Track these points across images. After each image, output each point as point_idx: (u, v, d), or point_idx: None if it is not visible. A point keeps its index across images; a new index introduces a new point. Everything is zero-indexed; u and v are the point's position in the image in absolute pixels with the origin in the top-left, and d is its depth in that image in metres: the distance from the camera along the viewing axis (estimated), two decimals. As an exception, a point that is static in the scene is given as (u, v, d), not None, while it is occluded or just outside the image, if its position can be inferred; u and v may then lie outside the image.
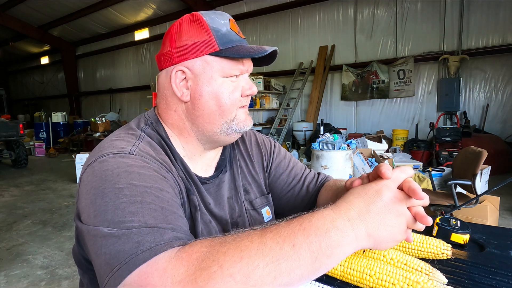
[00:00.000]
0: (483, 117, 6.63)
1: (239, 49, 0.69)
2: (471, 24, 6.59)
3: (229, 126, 0.73)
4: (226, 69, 0.69)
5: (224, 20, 0.71)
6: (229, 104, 0.71)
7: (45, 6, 10.91)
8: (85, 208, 0.56)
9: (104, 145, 0.65)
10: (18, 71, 18.25)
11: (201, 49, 0.68)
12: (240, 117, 0.74)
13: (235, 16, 9.11)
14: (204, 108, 0.71)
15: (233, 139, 0.76)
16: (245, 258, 0.43)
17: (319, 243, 0.45)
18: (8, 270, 2.77)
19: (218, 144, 0.78)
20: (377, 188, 0.51)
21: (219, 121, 0.72)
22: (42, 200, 5.08)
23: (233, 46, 0.69)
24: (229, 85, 0.71)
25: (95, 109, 14.39)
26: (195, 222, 0.71)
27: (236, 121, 0.73)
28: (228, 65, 0.69)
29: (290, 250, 0.44)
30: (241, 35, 0.72)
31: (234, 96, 0.71)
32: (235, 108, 0.72)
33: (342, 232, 0.46)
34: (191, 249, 0.46)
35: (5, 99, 9.79)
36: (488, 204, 3.06)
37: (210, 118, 0.72)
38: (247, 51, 0.68)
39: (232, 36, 0.70)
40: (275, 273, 0.43)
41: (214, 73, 0.69)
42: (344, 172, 3.78)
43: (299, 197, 0.91)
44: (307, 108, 8.41)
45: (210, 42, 0.68)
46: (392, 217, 0.50)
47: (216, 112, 0.71)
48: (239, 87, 0.72)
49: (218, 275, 0.42)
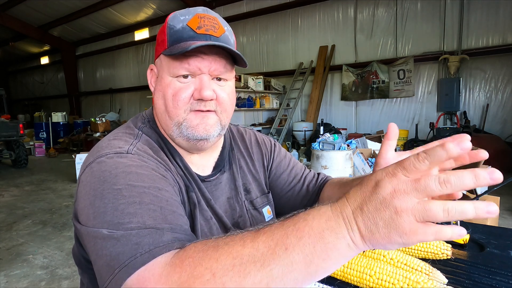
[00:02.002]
0: (483, 117, 6.63)
1: (179, 47, 0.64)
2: (471, 24, 6.59)
3: (180, 130, 0.68)
4: (171, 68, 0.67)
5: (186, 16, 0.67)
6: (171, 106, 0.67)
7: (45, 6, 10.92)
8: (84, 210, 0.56)
9: (102, 145, 0.65)
10: (18, 71, 18.25)
11: (159, 49, 0.70)
12: (191, 121, 0.68)
13: (235, 16, 9.13)
14: (157, 107, 0.71)
15: (195, 146, 0.71)
16: (237, 266, 0.42)
17: (313, 245, 0.41)
18: (8, 270, 2.77)
19: (189, 149, 0.74)
20: (378, 178, 0.40)
21: (170, 123, 0.69)
22: (42, 200, 5.08)
23: (179, 44, 0.65)
24: (175, 85, 0.67)
25: (95, 109, 14.39)
26: (195, 219, 0.70)
27: (186, 125, 0.68)
28: (173, 64, 0.66)
29: (283, 254, 0.41)
30: (202, 31, 0.65)
31: (178, 98, 0.66)
32: (181, 110, 0.67)
33: (337, 234, 0.41)
34: (184, 255, 0.46)
35: (5, 99, 9.79)
36: (488, 204, 3.06)
37: (162, 118, 0.71)
38: (182, 48, 0.62)
39: (184, 33, 0.65)
40: (267, 279, 0.41)
41: (163, 72, 0.69)
42: (344, 172, 3.78)
43: (299, 197, 0.91)
44: (307, 108, 8.41)
45: (163, 41, 0.68)
46: (387, 216, 0.38)
47: (165, 112, 0.69)
48: (189, 89, 0.67)
49: (211, 284, 0.42)
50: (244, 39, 9.64)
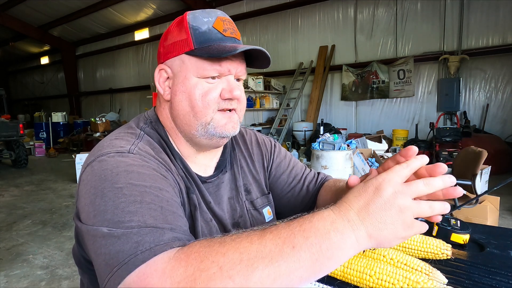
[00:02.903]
0: (483, 117, 6.63)
1: (213, 48, 0.65)
2: (471, 24, 6.59)
3: (206, 130, 0.69)
4: (200, 69, 0.67)
5: (209, 18, 0.67)
6: (201, 106, 0.68)
7: (45, 6, 10.91)
8: (85, 208, 0.56)
9: (103, 144, 0.65)
10: (18, 71, 18.24)
11: (179, 48, 0.69)
12: (219, 121, 0.69)
13: (235, 16, 9.12)
14: (179, 108, 0.71)
15: (216, 143, 0.73)
16: (245, 260, 0.43)
17: (319, 244, 0.44)
18: (8, 270, 2.77)
19: (205, 147, 0.75)
20: (377, 184, 0.47)
21: (194, 123, 0.69)
22: (42, 200, 5.08)
23: (209, 45, 0.66)
24: (204, 86, 0.68)
25: (95, 109, 14.39)
26: (195, 221, 0.70)
27: (213, 125, 0.69)
28: (203, 65, 0.66)
29: (290, 252, 0.43)
30: (228, 34, 0.68)
31: (208, 98, 0.68)
32: (209, 110, 0.68)
33: (342, 234, 0.45)
34: (190, 250, 0.46)
35: (5, 99, 9.78)
36: (488, 204, 3.06)
37: (185, 119, 0.70)
38: (219, 51, 0.64)
39: (212, 35, 0.66)
40: (274, 275, 0.42)
41: (188, 72, 0.68)
42: (344, 172, 3.78)
43: (299, 197, 0.91)
44: (307, 108, 8.41)
45: (187, 41, 0.67)
46: (393, 214, 0.46)
47: (190, 113, 0.69)
48: (217, 89, 0.68)
49: (218, 277, 0.42)
50: (244, 39, 9.62)
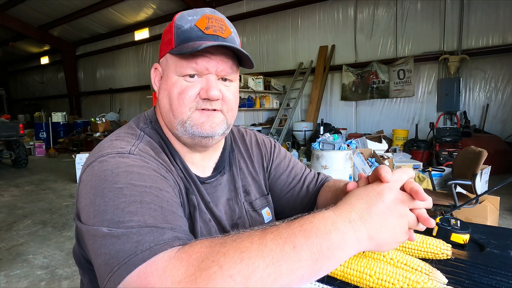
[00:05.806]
0: (483, 117, 6.63)
1: (188, 46, 0.64)
2: (471, 24, 6.59)
3: (184, 128, 0.69)
4: (178, 67, 0.67)
5: (194, 16, 0.67)
6: (177, 104, 0.68)
7: (45, 6, 10.91)
8: (85, 208, 0.56)
9: (103, 145, 0.65)
10: (18, 71, 18.25)
11: (165, 48, 0.70)
12: (196, 119, 0.68)
13: (235, 16, 9.13)
14: (162, 106, 0.72)
15: (200, 142, 0.71)
16: (245, 259, 0.43)
17: (320, 244, 0.45)
18: (8, 270, 2.77)
19: (193, 146, 0.74)
20: (379, 189, 0.51)
21: (173, 121, 0.69)
22: (42, 200, 5.08)
23: (187, 44, 0.65)
24: (182, 84, 0.67)
25: (95, 109, 14.39)
26: (194, 222, 0.70)
27: (190, 123, 0.68)
28: (181, 63, 0.66)
29: (291, 252, 0.44)
30: (210, 32, 0.66)
31: (184, 96, 0.67)
32: (186, 109, 0.68)
33: (343, 234, 0.46)
34: (191, 249, 0.46)
35: (5, 99, 9.80)
36: (488, 204, 3.06)
37: (167, 116, 0.71)
38: (191, 48, 0.63)
39: (192, 33, 0.66)
40: (275, 274, 0.43)
41: (170, 71, 0.69)
42: (344, 172, 3.78)
43: (299, 198, 0.90)
44: (307, 108, 8.41)
45: (170, 40, 0.68)
46: (394, 219, 0.49)
47: (169, 111, 0.70)
48: (195, 88, 0.67)
49: (218, 276, 0.42)
50: (244, 39, 9.63)
